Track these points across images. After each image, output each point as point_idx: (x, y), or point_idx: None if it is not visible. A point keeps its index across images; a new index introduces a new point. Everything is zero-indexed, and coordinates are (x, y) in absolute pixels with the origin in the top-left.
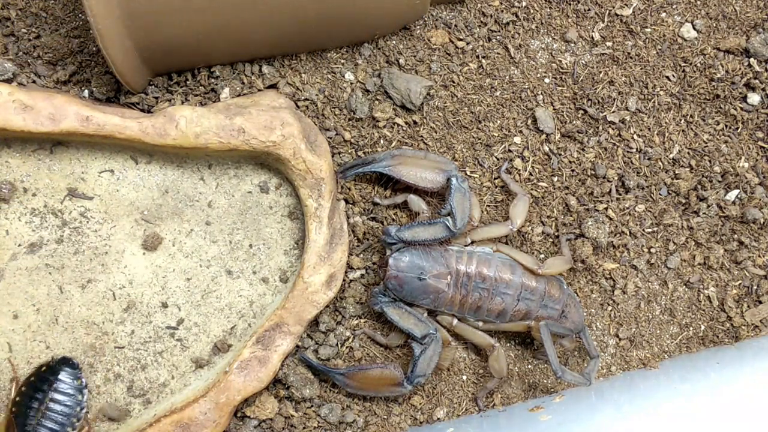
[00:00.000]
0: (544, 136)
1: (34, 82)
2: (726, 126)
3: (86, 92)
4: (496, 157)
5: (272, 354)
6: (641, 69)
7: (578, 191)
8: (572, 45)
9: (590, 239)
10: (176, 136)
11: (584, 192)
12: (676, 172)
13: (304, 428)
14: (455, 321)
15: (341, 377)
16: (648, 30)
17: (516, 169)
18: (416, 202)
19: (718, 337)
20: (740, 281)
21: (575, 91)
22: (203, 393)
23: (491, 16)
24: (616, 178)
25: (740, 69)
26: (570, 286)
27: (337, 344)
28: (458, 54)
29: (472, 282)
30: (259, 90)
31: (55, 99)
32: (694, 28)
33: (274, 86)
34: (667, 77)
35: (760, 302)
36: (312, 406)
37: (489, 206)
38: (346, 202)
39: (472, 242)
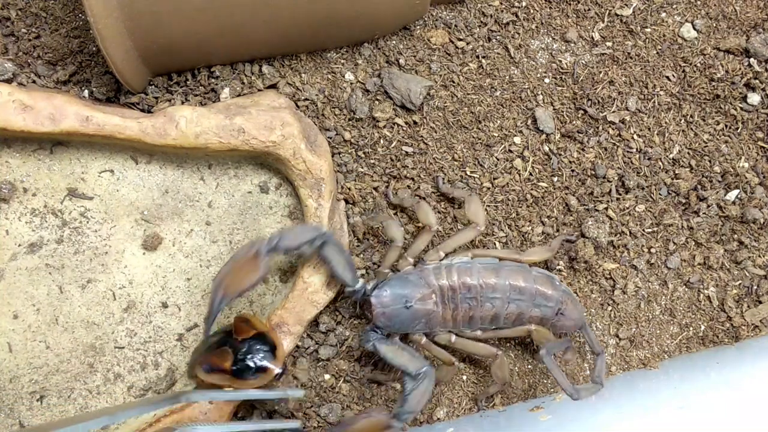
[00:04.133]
0: (544, 136)
1: (34, 82)
2: (726, 126)
3: (86, 92)
4: (496, 157)
5: None
6: (641, 69)
7: (578, 191)
8: (572, 45)
9: (590, 239)
10: (176, 136)
11: (584, 192)
12: (676, 172)
13: (304, 428)
14: (453, 337)
15: None
16: (648, 30)
17: (516, 169)
18: (426, 211)
19: (718, 337)
20: (740, 281)
21: (575, 91)
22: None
23: (491, 16)
24: (616, 178)
25: (740, 69)
26: (570, 285)
27: (336, 344)
28: (458, 54)
29: (459, 294)
30: (259, 90)
31: (55, 99)
32: (694, 28)
33: (274, 86)
34: (667, 77)
35: (760, 302)
36: (312, 406)
37: (489, 206)
38: (346, 202)
39: (446, 255)
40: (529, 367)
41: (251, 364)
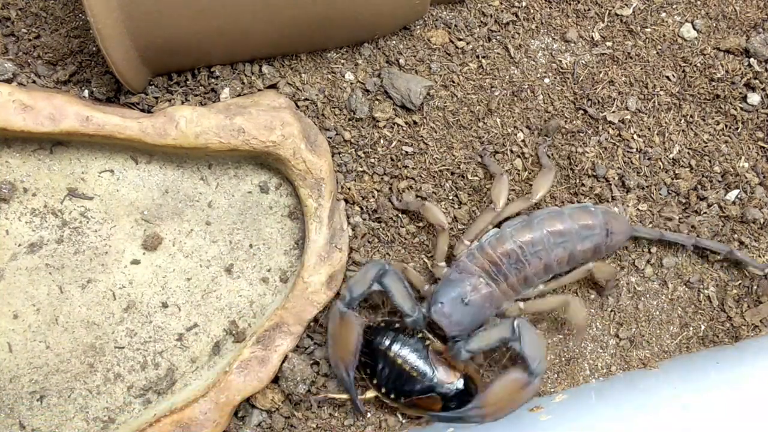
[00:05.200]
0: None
1: (34, 82)
2: (726, 126)
3: (86, 92)
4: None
5: (272, 354)
6: (641, 69)
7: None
8: (572, 45)
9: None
10: (176, 136)
11: (585, 192)
12: (676, 172)
13: (303, 428)
14: (522, 304)
15: (477, 411)
16: (648, 30)
17: (516, 169)
18: (434, 212)
19: (718, 337)
20: (740, 281)
21: (575, 91)
22: (203, 393)
23: (491, 16)
24: (616, 178)
25: (740, 69)
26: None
27: None
28: (458, 54)
29: (503, 265)
30: (259, 90)
31: (55, 99)
32: (694, 28)
33: (274, 86)
34: (667, 77)
35: (760, 302)
36: (312, 406)
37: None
38: (346, 202)
39: (472, 242)
40: None
41: (459, 404)
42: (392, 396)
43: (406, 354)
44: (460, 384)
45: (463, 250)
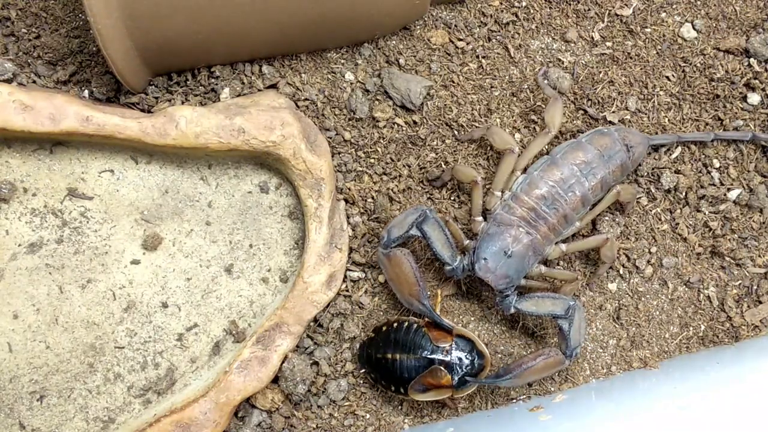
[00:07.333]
0: None
1: (34, 82)
2: (726, 126)
3: (86, 92)
4: (496, 157)
5: (272, 354)
6: (641, 69)
7: None
8: (572, 45)
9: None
10: (176, 136)
11: None
12: (677, 171)
13: (303, 428)
14: (563, 246)
15: (509, 381)
16: (648, 30)
17: None
18: (464, 170)
19: (718, 337)
20: (740, 281)
21: (575, 91)
22: (203, 393)
23: (491, 16)
24: None
25: (740, 69)
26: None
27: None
28: (458, 54)
29: (541, 209)
30: (259, 90)
31: (55, 99)
32: (694, 28)
33: (274, 86)
34: (667, 77)
35: (760, 302)
36: (312, 406)
37: None
38: (346, 202)
39: (502, 192)
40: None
41: (470, 369)
42: (403, 390)
43: (396, 350)
44: (452, 345)
45: (496, 202)
